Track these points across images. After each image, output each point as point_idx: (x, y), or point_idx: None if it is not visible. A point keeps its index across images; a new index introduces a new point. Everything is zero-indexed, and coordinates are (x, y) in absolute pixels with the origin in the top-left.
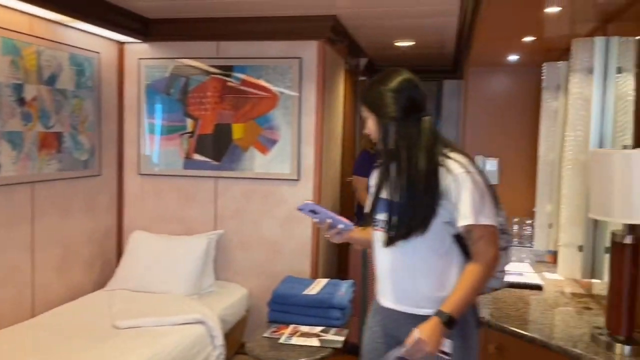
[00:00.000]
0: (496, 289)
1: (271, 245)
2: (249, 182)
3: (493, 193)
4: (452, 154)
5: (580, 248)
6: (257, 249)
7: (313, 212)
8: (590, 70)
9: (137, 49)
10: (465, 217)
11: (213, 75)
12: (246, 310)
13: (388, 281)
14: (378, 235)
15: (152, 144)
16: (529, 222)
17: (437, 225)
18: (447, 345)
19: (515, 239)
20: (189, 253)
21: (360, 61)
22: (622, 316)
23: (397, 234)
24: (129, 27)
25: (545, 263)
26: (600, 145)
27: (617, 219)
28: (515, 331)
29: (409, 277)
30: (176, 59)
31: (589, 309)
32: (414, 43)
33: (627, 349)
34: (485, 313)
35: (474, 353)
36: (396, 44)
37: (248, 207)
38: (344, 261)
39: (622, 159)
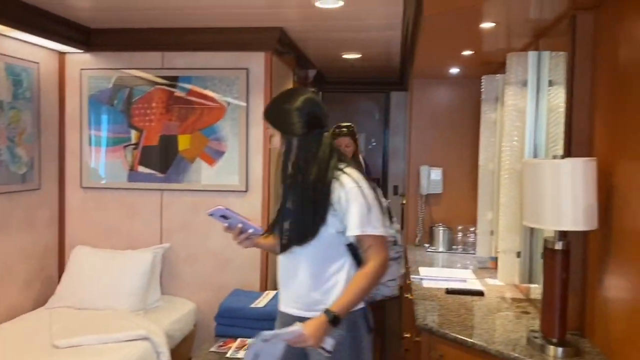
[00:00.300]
0: (388, 297)
1: (219, 258)
2: (195, 195)
3: (386, 207)
4: (347, 169)
5: (518, 254)
6: (205, 262)
7: (224, 217)
8: (524, 83)
9: (79, 59)
10: (353, 227)
11: (158, 86)
12: (194, 325)
13: (284, 286)
14: (277, 242)
15: (95, 156)
16: (472, 229)
17: (328, 234)
18: (328, 343)
19: (460, 246)
20: (133, 268)
21: (309, 72)
22: (554, 319)
23: (289, 240)
24: (69, 37)
25: (488, 269)
26: (535, 155)
27: (547, 226)
28: (457, 337)
29: (302, 282)
30: (120, 70)
31: (527, 313)
32: (360, 56)
33: (559, 350)
34: (428, 320)
35: (365, 357)
36: (344, 56)
37: (195, 219)
38: None
39: (551, 168)
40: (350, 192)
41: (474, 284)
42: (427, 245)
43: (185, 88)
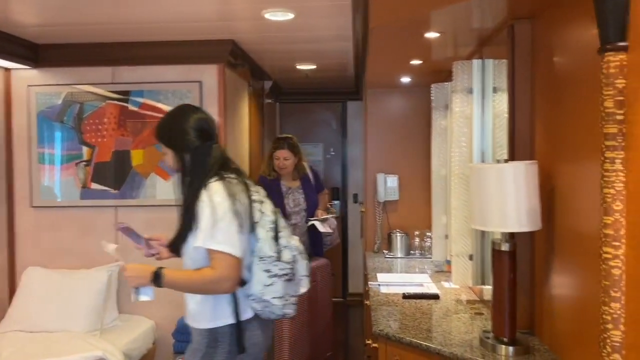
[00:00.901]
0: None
1: None
2: (151, 210)
3: (273, 223)
4: (213, 183)
5: (471, 257)
6: None
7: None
8: (470, 90)
9: (26, 75)
10: (197, 239)
11: (110, 101)
12: (153, 343)
13: None
14: None
15: (49, 174)
16: (428, 234)
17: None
18: (143, 292)
19: (417, 251)
20: (88, 287)
21: (265, 84)
22: (504, 319)
23: (170, 247)
24: (15, 53)
25: (444, 273)
26: (482, 159)
27: (493, 228)
28: (412, 341)
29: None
30: (70, 85)
31: (480, 314)
32: (315, 67)
33: (510, 349)
34: (384, 326)
35: None
36: (298, 67)
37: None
38: None
39: (495, 172)
40: (201, 205)
41: (430, 288)
42: (385, 251)
43: (138, 102)
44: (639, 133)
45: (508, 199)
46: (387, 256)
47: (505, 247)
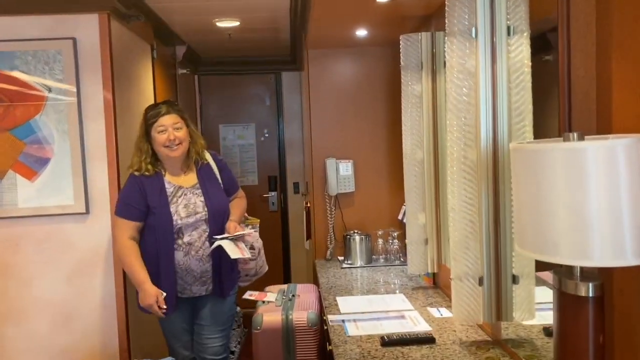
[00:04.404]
0: None
1: (56, 311)
2: (11, 224)
3: None
4: None
5: (481, 280)
6: (36, 319)
7: None
8: (472, 33)
9: None
10: None
11: None
12: None
13: None
14: None
15: None
16: (395, 233)
17: None
18: None
19: (381, 256)
20: None
21: (177, 49)
22: None
23: None
24: None
25: (425, 289)
26: (494, 136)
27: (570, 260)
28: None
29: None
30: None
31: None
32: (239, 23)
33: None
34: None
35: None
36: (218, 24)
37: (15, 259)
38: None
39: (572, 156)
40: None
41: (416, 321)
42: (341, 258)
43: None
44: None
45: (599, 208)
46: (345, 265)
47: (586, 290)
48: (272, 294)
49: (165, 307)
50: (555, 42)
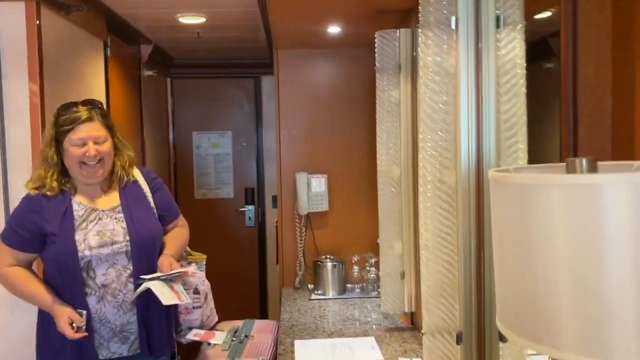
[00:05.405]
0: None
1: None
2: None
3: None
4: None
5: (459, 338)
6: None
7: None
8: (451, 24)
9: None
10: None
11: None
12: None
13: None
14: None
15: None
16: (372, 260)
17: None
18: None
19: (357, 286)
20: None
21: (142, 49)
22: None
23: None
24: None
25: (400, 330)
26: (478, 154)
27: (571, 354)
28: None
29: None
30: None
31: None
32: (204, 20)
33: None
34: None
35: None
36: (182, 20)
37: None
38: None
39: (573, 195)
40: None
41: None
42: (311, 286)
43: None
44: None
45: (627, 277)
46: (314, 296)
47: None
48: (221, 333)
49: (84, 323)
50: (558, 49)
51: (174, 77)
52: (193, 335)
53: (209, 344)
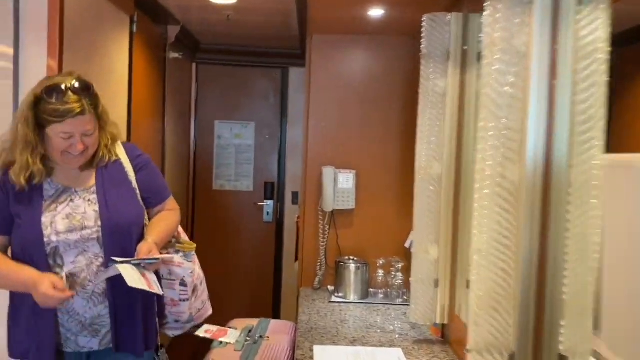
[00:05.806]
0: None
1: None
2: None
3: None
4: None
5: (511, 358)
6: None
7: None
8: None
9: None
10: None
11: None
12: None
13: None
14: None
15: None
16: (398, 265)
17: None
18: None
19: (381, 290)
20: None
21: (169, 29)
22: None
23: None
24: None
25: (429, 343)
26: (547, 147)
27: None
28: None
29: None
30: None
31: None
32: (236, 1)
33: None
34: None
35: None
36: (213, 0)
37: None
38: None
39: None
40: None
41: None
42: (331, 288)
43: None
44: None
45: None
46: (335, 298)
47: None
48: (234, 331)
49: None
50: None
51: (200, 62)
52: (204, 332)
53: (221, 342)
